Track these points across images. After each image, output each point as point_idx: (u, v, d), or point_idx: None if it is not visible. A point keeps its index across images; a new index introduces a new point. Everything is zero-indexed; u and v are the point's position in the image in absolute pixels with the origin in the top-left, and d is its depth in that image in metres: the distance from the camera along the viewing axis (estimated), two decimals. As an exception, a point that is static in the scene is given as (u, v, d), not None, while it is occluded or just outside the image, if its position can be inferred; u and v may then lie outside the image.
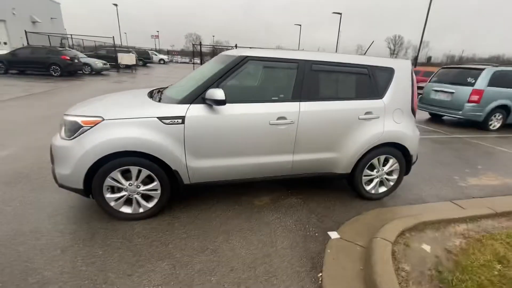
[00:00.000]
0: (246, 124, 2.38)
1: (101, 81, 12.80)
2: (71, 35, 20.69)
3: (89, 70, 15.14)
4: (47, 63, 12.72)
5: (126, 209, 2.37)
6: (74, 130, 2.15)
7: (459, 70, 7.05)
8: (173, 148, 2.25)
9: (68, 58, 13.06)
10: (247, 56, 2.42)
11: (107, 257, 1.96)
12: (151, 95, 2.70)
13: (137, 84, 12.73)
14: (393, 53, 72.47)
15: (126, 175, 2.28)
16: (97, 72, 16.07)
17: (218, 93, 2.15)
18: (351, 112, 2.64)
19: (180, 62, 43.96)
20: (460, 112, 6.65)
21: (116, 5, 30.60)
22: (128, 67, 20.55)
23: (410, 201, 3.07)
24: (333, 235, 2.36)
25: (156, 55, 33.40)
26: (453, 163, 4.36)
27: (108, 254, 1.99)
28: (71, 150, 2.13)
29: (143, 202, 2.38)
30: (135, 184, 2.30)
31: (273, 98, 2.54)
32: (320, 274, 1.93)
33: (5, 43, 24.61)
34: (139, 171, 2.27)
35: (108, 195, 2.28)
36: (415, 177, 3.68)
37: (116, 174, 2.23)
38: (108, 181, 2.23)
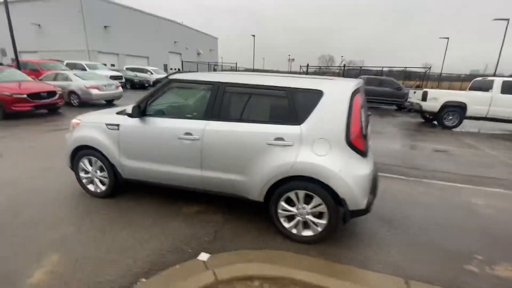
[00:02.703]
0: (160, 136, 2.77)
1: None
2: (208, 62, 26.47)
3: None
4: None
5: (91, 187, 3.29)
6: (71, 127, 3.29)
7: None
8: (112, 147, 2.98)
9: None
10: (171, 79, 2.84)
11: (84, 218, 2.90)
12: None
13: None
14: None
15: (92, 162, 3.20)
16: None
17: (128, 108, 2.71)
18: (258, 135, 2.47)
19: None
20: None
21: (253, 35, 36.44)
22: None
23: (340, 257, 2.39)
24: (202, 256, 2.32)
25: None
26: (507, 237, 2.79)
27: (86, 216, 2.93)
28: (68, 140, 3.27)
29: (99, 184, 3.23)
30: (93, 170, 3.19)
31: (187, 116, 2.80)
32: (144, 279, 2.06)
33: (179, 69, 34.66)
34: (96, 161, 3.14)
35: (81, 174, 3.28)
36: (400, 236, 2.74)
37: (84, 161, 3.19)
38: (80, 165, 3.22)
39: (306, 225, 2.54)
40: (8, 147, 5.16)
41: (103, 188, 3.22)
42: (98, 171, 3.18)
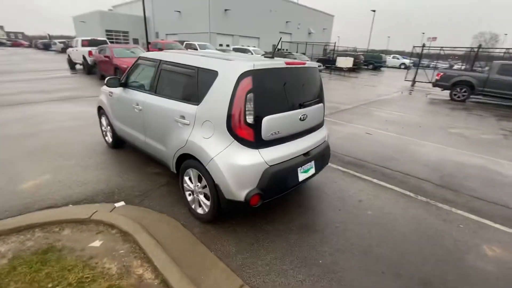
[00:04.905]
0: (126, 103, 3.39)
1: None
2: (306, 42, 25.40)
3: (305, 70, 18.51)
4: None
5: (106, 139, 4.38)
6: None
7: None
8: (109, 109, 3.88)
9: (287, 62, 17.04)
10: (139, 57, 3.35)
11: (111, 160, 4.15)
12: None
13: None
14: None
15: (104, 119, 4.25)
16: (313, 72, 19.13)
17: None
18: (170, 112, 2.68)
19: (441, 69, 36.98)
20: None
21: (374, 11, 31.91)
22: (352, 70, 22.00)
23: (213, 242, 2.36)
24: (119, 204, 2.87)
25: (398, 59, 31.36)
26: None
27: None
28: (100, 101, 4.45)
29: (109, 137, 4.27)
30: (105, 125, 4.23)
31: (142, 89, 3.25)
32: (71, 205, 2.82)
33: (286, 50, 35.17)
34: (106, 118, 4.15)
35: (102, 128, 4.42)
36: (326, 259, 2.38)
37: (102, 118, 4.28)
38: (101, 121, 4.35)
39: (198, 203, 2.63)
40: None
41: (110, 140, 4.25)
42: (109, 127, 4.21)
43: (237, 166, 2.19)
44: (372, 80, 18.31)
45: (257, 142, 2.25)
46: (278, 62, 2.42)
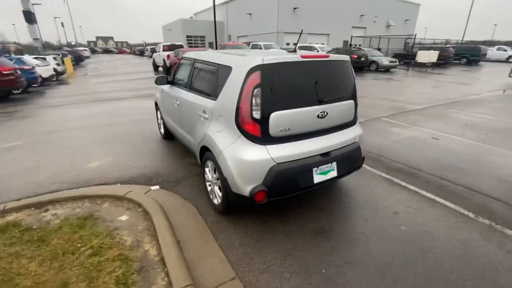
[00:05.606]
0: (170, 99, 3.78)
1: (367, 77, 14.28)
2: (380, 36, 22.79)
3: (375, 67, 16.89)
4: (341, 60, 16.56)
5: (160, 130, 4.98)
6: (160, 89, 5.05)
7: None
8: (161, 104, 4.39)
9: (355, 56, 15.85)
10: (182, 57, 3.66)
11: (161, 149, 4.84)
12: None
13: (387, 85, 12.63)
14: None
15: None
16: (386, 69, 17.25)
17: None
18: (195, 106, 2.87)
19: None
20: None
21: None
22: (438, 65, 19.01)
23: (222, 232, 2.43)
24: (154, 187, 3.25)
25: (505, 50, 25.43)
26: None
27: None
28: (158, 97, 5.09)
29: (162, 129, 4.83)
30: (159, 118, 4.79)
31: (182, 86, 3.53)
32: (119, 184, 3.32)
33: (355, 45, 32.67)
34: (158, 114, 4.71)
35: (158, 121, 5.03)
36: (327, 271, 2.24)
37: (157, 112, 4.87)
38: (156, 114, 4.96)
39: (215, 194, 2.74)
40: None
41: (163, 132, 4.81)
42: (161, 120, 4.76)
43: (242, 160, 2.20)
44: (463, 76, 15.37)
45: (264, 138, 2.21)
46: (293, 56, 2.31)
